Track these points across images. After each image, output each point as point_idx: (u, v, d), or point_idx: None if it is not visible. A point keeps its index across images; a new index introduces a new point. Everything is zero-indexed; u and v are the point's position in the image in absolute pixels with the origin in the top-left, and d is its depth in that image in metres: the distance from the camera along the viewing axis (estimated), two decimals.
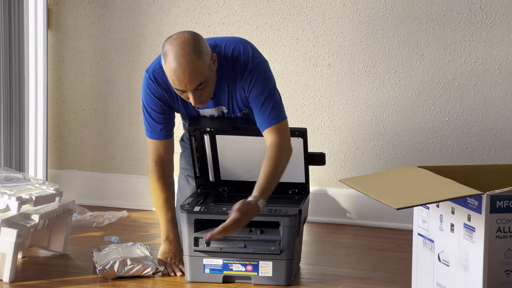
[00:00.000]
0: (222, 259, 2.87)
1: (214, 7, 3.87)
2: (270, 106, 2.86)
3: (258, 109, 2.87)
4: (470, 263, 2.40)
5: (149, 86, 2.95)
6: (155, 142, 3.01)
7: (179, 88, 2.76)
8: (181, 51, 2.72)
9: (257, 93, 2.87)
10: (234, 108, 2.97)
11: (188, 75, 2.72)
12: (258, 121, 2.89)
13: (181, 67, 2.71)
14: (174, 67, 2.72)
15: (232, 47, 2.89)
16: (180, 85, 2.75)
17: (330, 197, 3.82)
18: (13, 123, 3.80)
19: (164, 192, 3.03)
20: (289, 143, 2.88)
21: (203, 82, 2.75)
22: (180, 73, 2.72)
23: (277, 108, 2.88)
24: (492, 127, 3.64)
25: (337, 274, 3.03)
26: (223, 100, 2.95)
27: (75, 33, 4.06)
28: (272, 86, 2.90)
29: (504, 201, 2.35)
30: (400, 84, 3.71)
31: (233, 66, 2.88)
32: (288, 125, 2.90)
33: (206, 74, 2.75)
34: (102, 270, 2.89)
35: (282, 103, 2.93)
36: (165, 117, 2.99)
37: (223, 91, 2.92)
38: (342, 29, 3.74)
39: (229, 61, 2.88)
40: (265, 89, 2.87)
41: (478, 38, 3.61)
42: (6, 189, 2.99)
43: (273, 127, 2.86)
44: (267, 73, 2.90)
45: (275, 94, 2.90)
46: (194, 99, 2.77)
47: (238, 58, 2.87)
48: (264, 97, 2.86)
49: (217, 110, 2.99)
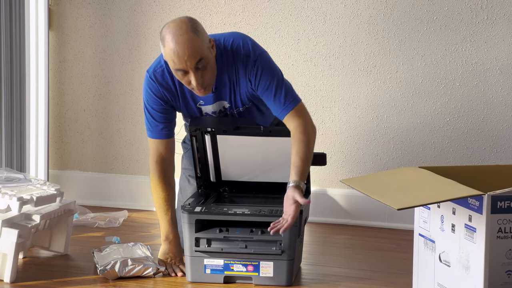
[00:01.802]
0: (223, 259, 2.87)
1: (215, 7, 3.87)
2: (283, 93, 2.89)
3: (273, 99, 2.89)
4: (471, 263, 2.40)
5: (150, 85, 2.97)
6: (156, 142, 3.02)
7: (180, 67, 2.78)
8: (178, 31, 2.75)
9: (266, 84, 2.88)
10: (237, 102, 2.97)
11: (188, 51, 2.74)
12: (275, 110, 2.91)
13: (179, 44, 2.74)
14: (172, 46, 2.75)
15: (231, 40, 2.91)
16: (180, 63, 2.76)
17: (331, 198, 3.82)
18: (14, 124, 3.80)
19: (164, 192, 3.04)
20: (312, 123, 2.91)
21: (202, 58, 2.76)
22: (179, 50, 2.74)
23: (290, 93, 2.91)
24: (493, 127, 3.64)
25: (338, 275, 3.03)
26: (225, 94, 2.95)
27: (76, 33, 4.06)
28: (279, 73, 2.93)
29: (505, 201, 2.34)
30: (401, 85, 3.71)
31: (233, 58, 2.90)
32: (305, 106, 2.93)
33: (205, 52, 2.78)
34: (103, 270, 2.90)
35: (292, 87, 2.95)
36: (166, 116, 3.00)
37: (224, 84, 2.93)
38: (343, 29, 3.74)
39: (228, 53, 2.90)
40: (274, 78, 2.89)
41: (479, 39, 3.61)
42: (7, 189, 2.99)
43: (292, 112, 2.88)
44: (271, 62, 2.93)
45: (284, 81, 2.93)
46: (196, 80, 2.78)
47: (238, 51, 2.89)
48: (275, 86, 2.89)
49: (218, 106, 2.99)
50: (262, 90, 2.89)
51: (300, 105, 2.91)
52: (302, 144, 2.84)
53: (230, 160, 3.10)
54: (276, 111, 2.91)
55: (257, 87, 2.90)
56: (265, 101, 2.92)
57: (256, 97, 2.96)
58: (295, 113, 2.88)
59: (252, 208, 2.88)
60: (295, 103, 2.89)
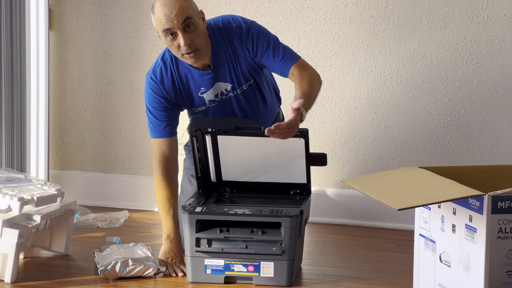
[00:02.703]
0: (224, 259, 2.87)
1: (216, 8, 3.88)
2: (281, 51, 2.95)
3: (272, 59, 2.95)
4: (472, 263, 2.40)
5: (151, 86, 3.01)
6: (158, 141, 3.04)
7: (167, 26, 2.83)
8: None
9: (264, 46, 2.95)
10: (239, 79, 3.00)
11: (174, 10, 2.81)
12: (278, 70, 2.97)
13: (167, 4, 2.82)
14: (161, 8, 2.83)
15: (221, 19, 3.00)
16: (168, 22, 2.82)
17: (331, 198, 3.82)
18: (15, 124, 3.80)
19: (166, 190, 3.05)
20: (317, 73, 2.96)
21: (190, 17, 2.83)
22: (166, 10, 2.82)
23: (289, 50, 2.98)
24: (493, 127, 3.64)
25: (338, 275, 3.03)
26: (224, 74, 2.98)
27: (76, 33, 4.07)
28: (274, 36, 3.00)
29: (506, 201, 2.35)
30: (402, 85, 3.71)
31: (227, 34, 2.96)
32: (305, 61, 2.98)
33: (193, 13, 2.85)
34: (104, 270, 2.90)
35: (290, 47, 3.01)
36: (168, 114, 3.03)
37: (222, 63, 2.97)
38: (343, 29, 3.74)
39: (221, 31, 2.97)
40: (270, 40, 2.96)
41: (480, 39, 3.61)
42: (8, 189, 2.99)
43: (294, 65, 2.94)
44: (263, 29, 3.00)
45: (280, 42, 2.99)
46: (184, 40, 2.83)
47: (229, 26, 2.97)
48: (272, 47, 2.95)
49: (217, 88, 3.01)
50: (261, 54, 2.96)
51: (301, 60, 2.96)
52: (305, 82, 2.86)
53: (231, 161, 3.10)
54: (279, 70, 2.96)
55: (255, 52, 2.96)
56: (266, 64, 2.98)
57: (256, 68, 3.00)
58: (297, 66, 2.94)
59: (253, 208, 2.88)
60: (296, 58, 2.95)
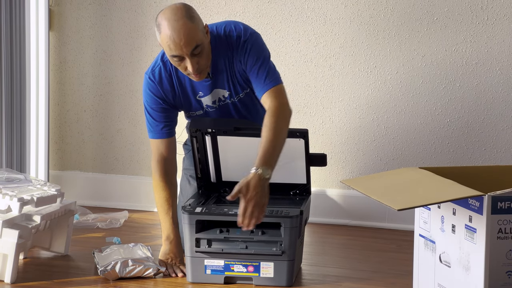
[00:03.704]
0: (224, 260, 2.87)
1: (216, 8, 3.88)
2: (265, 72, 2.90)
3: (255, 77, 2.91)
4: (472, 264, 2.40)
5: (149, 86, 3.00)
6: (157, 142, 3.03)
7: (176, 53, 2.79)
8: (174, 17, 2.77)
9: (252, 62, 2.91)
10: (236, 88, 2.99)
11: (184, 37, 2.76)
12: (256, 88, 2.92)
13: (175, 30, 2.76)
14: (169, 32, 2.77)
15: (223, 26, 2.95)
16: (177, 49, 2.78)
17: (331, 198, 3.82)
18: (15, 124, 3.80)
19: (165, 191, 3.04)
20: (286, 104, 2.87)
21: (198, 45, 2.79)
22: (175, 36, 2.76)
23: (272, 73, 2.91)
24: (493, 128, 3.64)
25: (338, 275, 3.03)
26: (222, 81, 2.97)
27: (76, 34, 4.07)
28: (267, 54, 2.95)
29: (506, 202, 2.35)
30: (402, 85, 3.71)
31: (227, 43, 2.93)
32: (284, 89, 2.92)
33: (201, 37, 2.80)
34: (104, 271, 2.90)
35: (277, 70, 2.96)
36: (166, 115, 3.02)
37: (221, 71, 2.95)
38: (343, 30, 3.74)
39: (222, 39, 2.93)
40: (260, 57, 2.91)
41: (480, 39, 3.61)
42: (8, 190, 2.99)
43: (269, 91, 2.88)
44: (260, 43, 2.95)
45: (270, 61, 2.95)
46: (192, 66, 2.80)
47: (231, 34, 2.93)
48: (259, 65, 2.90)
49: (215, 95, 3.00)
50: (249, 68, 2.92)
51: (280, 86, 2.90)
52: (265, 128, 2.78)
53: (231, 161, 3.10)
54: (256, 89, 2.92)
55: (246, 65, 2.93)
56: (250, 80, 2.94)
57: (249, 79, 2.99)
58: (271, 93, 2.87)
59: None
60: (274, 83, 2.89)
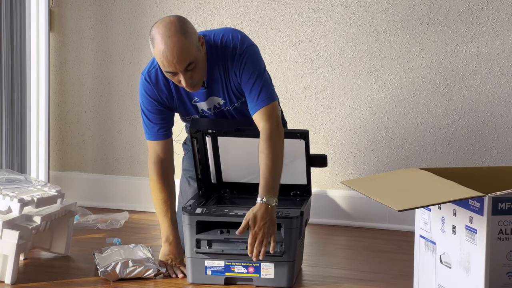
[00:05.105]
0: (224, 261, 2.87)
1: (216, 8, 3.88)
2: (259, 88, 2.88)
3: (248, 93, 2.89)
4: (472, 265, 2.40)
5: (144, 88, 2.98)
6: (153, 143, 3.03)
7: (169, 70, 2.78)
8: (167, 33, 2.75)
9: (247, 76, 2.88)
10: (231, 97, 2.98)
11: (177, 55, 2.74)
12: (249, 105, 2.91)
13: (168, 47, 2.74)
14: (162, 48, 2.74)
15: (221, 35, 2.92)
16: (170, 66, 2.76)
17: (331, 199, 3.82)
18: (15, 125, 3.80)
19: (162, 193, 3.04)
20: (277, 126, 2.87)
21: (192, 62, 2.77)
22: (168, 53, 2.74)
23: (266, 89, 2.89)
24: (494, 128, 3.64)
25: (338, 276, 3.03)
26: (217, 90, 2.96)
27: (77, 34, 4.07)
28: (262, 68, 2.92)
29: (506, 203, 2.35)
30: (402, 86, 3.71)
31: (223, 53, 2.90)
32: (277, 106, 2.91)
33: (195, 53, 2.77)
34: (104, 272, 2.90)
35: (272, 84, 2.95)
36: (162, 117, 3.01)
37: (216, 80, 2.94)
38: (343, 31, 3.74)
39: (218, 49, 2.90)
40: (255, 71, 2.89)
41: (480, 40, 3.61)
42: (8, 190, 2.99)
43: (261, 111, 2.87)
44: (257, 57, 2.93)
45: (265, 76, 2.92)
46: (185, 81, 2.79)
47: (227, 44, 2.90)
48: (253, 81, 2.88)
49: (210, 102, 2.99)
50: (243, 83, 2.90)
51: (271, 105, 2.88)
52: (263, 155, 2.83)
53: (231, 162, 3.10)
54: (249, 105, 2.91)
55: (240, 79, 2.91)
56: (244, 94, 2.93)
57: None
58: (264, 114, 2.86)
59: None
60: (267, 102, 2.87)
